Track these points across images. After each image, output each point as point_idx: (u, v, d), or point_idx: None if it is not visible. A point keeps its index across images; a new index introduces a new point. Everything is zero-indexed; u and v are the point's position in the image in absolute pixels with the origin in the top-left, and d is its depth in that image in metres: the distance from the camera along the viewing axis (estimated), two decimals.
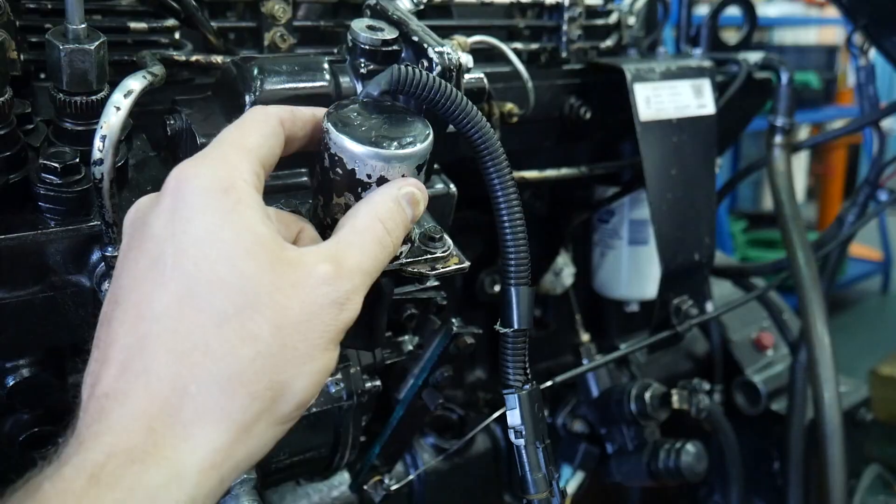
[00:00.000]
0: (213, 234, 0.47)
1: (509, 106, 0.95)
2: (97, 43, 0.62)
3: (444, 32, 0.85)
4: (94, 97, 0.63)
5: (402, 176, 0.58)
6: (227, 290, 0.46)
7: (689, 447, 1.11)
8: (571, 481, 1.19)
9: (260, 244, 0.47)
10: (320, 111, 0.59)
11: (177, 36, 0.81)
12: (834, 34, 5.82)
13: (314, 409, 0.83)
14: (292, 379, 0.47)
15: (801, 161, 5.44)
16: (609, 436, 1.18)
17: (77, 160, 0.62)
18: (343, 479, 1.02)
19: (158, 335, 0.46)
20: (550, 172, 1.08)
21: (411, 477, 1.07)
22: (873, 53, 1.23)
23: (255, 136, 0.53)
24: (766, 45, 4.76)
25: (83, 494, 0.42)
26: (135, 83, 0.60)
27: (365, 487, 0.97)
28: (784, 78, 1.17)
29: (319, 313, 0.48)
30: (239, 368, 0.45)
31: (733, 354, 1.42)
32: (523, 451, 0.66)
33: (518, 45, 1.02)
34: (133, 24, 0.78)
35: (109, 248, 0.61)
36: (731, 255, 3.84)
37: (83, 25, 0.61)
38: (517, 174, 1.02)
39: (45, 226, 0.63)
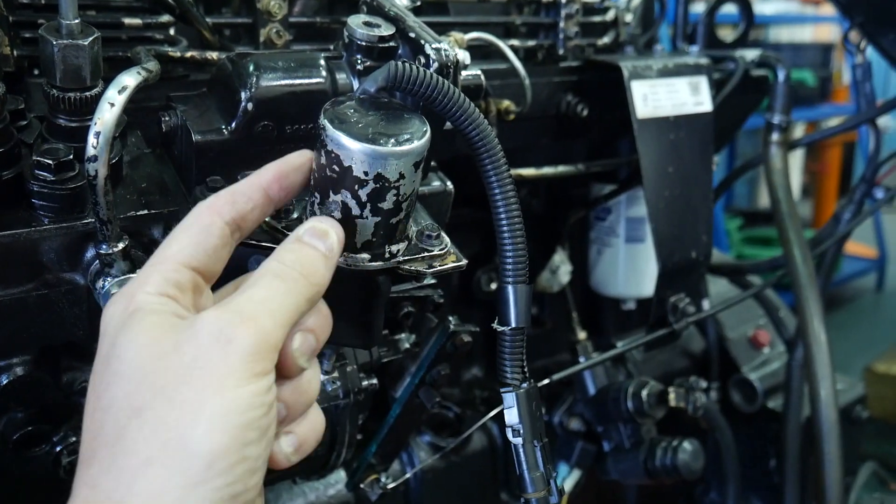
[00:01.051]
0: (117, 341, 0.49)
1: (506, 103, 0.95)
2: (91, 38, 0.61)
3: (441, 29, 0.85)
4: (87, 93, 0.63)
5: (400, 174, 0.58)
6: (118, 379, 0.47)
7: (686, 445, 1.11)
8: (568, 479, 1.19)
9: (150, 336, 0.48)
10: (265, 175, 0.57)
11: (172, 32, 0.80)
12: (829, 32, 5.83)
13: None
14: (187, 430, 0.45)
15: (796, 159, 5.45)
16: (606, 434, 1.18)
17: (71, 157, 0.62)
18: (339, 477, 1.02)
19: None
20: (547, 170, 1.08)
21: (408, 475, 1.06)
22: (869, 51, 1.22)
23: (179, 241, 0.53)
24: (762, 43, 4.77)
25: None
26: (129, 79, 0.59)
27: (361, 486, 0.97)
28: (781, 75, 1.17)
29: (203, 356, 0.47)
30: (129, 442, 0.45)
31: (730, 352, 1.42)
32: (521, 450, 0.65)
33: (515, 42, 1.02)
34: (127, 20, 0.77)
35: (104, 246, 0.61)
36: (727, 252, 3.84)
37: (77, 21, 0.61)
38: (514, 172, 1.01)
39: (39, 223, 0.62)
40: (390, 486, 0.97)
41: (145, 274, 0.52)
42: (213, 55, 0.78)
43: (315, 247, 0.55)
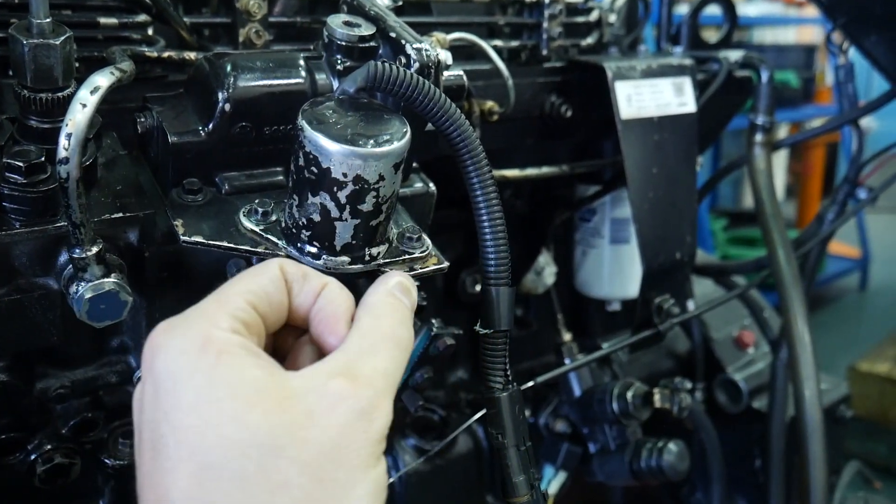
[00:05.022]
0: (205, 397, 0.44)
1: (489, 104, 0.94)
2: (63, 38, 0.60)
3: (424, 29, 0.84)
4: (59, 94, 0.61)
5: (380, 176, 0.57)
6: (241, 448, 0.43)
7: (671, 446, 1.11)
8: (554, 481, 1.18)
9: (258, 389, 0.44)
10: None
11: (149, 32, 0.79)
12: (812, 33, 5.88)
13: None
14: None
15: (780, 159, 5.50)
16: (591, 435, 1.17)
17: (42, 159, 0.60)
18: None
19: None
20: (531, 171, 1.08)
21: (392, 479, 1.06)
22: (852, 52, 1.23)
23: (244, 282, 0.50)
24: (746, 45, 4.81)
25: None
26: (102, 79, 0.58)
27: None
28: (764, 76, 1.17)
29: (348, 433, 0.45)
30: None
31: (715, 353, 1.42)
32: (504, 454, 0.65)
33: (498, 43, 1.01)
34: (103, 20, 0.76)
35: (77, 250, 0.59)
36: (712, 253, 3.86)
37: (48, 20, 0.60)
38: (498, 173, 1.01)
39: (10, 227, 0.61)
40: None
41: (212, 310, 0.47)
42: (191, 55, 0.77)
43: (405, 305, 0.54)
